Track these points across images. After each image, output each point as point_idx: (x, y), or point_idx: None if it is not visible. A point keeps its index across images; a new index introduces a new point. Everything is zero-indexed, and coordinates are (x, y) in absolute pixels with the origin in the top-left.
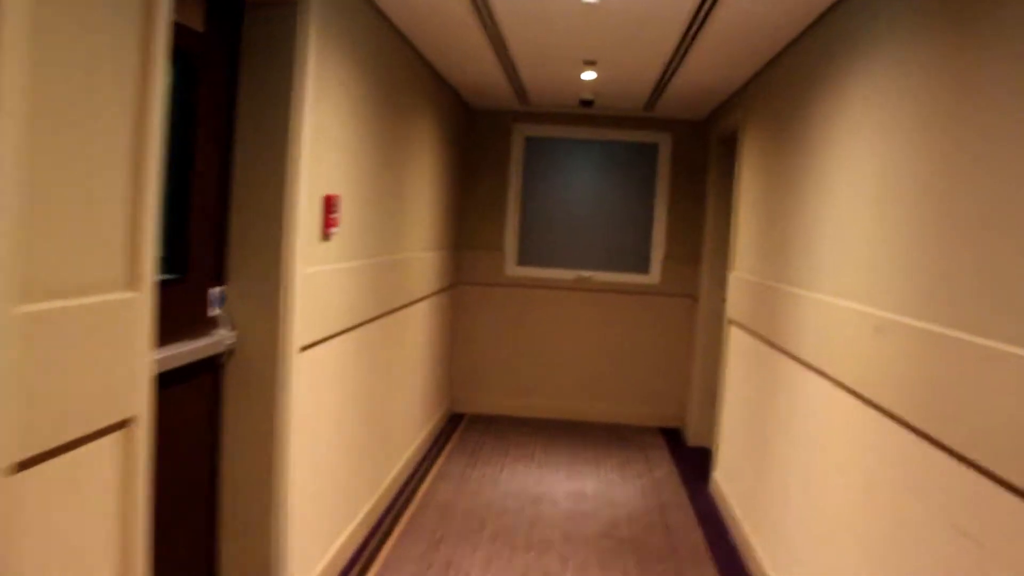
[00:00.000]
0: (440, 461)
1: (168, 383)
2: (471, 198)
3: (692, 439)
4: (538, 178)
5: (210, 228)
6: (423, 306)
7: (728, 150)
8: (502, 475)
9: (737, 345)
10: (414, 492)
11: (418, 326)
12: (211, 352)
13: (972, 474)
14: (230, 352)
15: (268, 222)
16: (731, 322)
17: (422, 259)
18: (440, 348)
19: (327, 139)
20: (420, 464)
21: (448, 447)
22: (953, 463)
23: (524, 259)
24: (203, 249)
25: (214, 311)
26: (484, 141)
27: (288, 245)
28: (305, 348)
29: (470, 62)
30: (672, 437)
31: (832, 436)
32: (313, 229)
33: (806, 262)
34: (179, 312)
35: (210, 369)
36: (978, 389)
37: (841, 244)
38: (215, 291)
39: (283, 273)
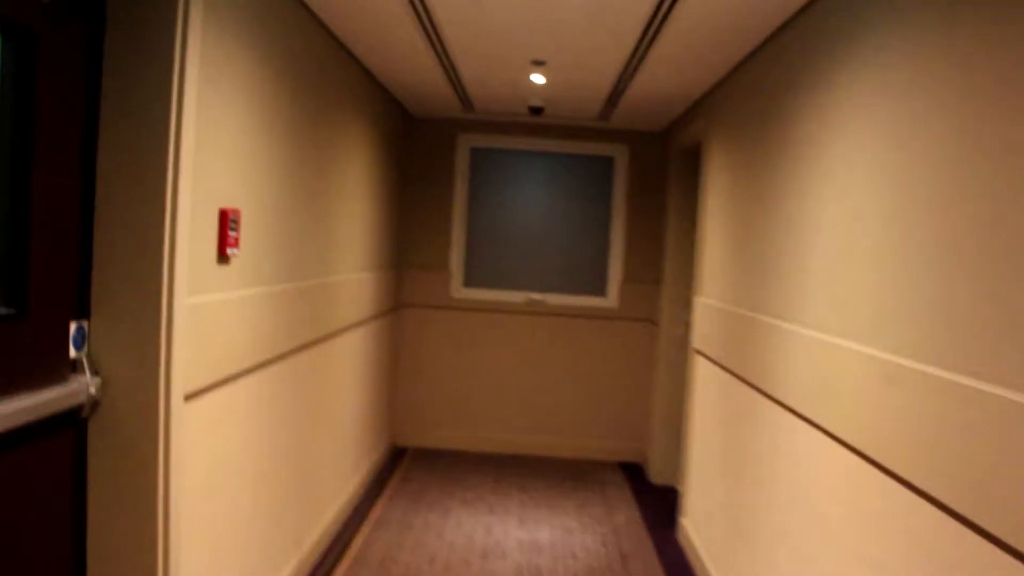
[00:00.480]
0: (379, 505)
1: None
2: (413, 214)
3: (656, 476)
4: (486, 192)
5: (65, 250)
6: (358, 333)
7: (690, 164)
8: (448, 522)
9: (704, 378)
10: (347, 545)
11: (352, 355)
12: (62, 406)
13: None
14: (94, 404)
15: (142, 241)
16: (697, 352)
17: (355, 281)
18: (380, 378)
19: (222, 143)
20: (356, 510)
21: (389, 488)
22: (996, 552)
23: (471, 280)
24: (54, 277)
25: (74, 352)
26: (427, 152)
27: (169, 270)
28: (193, 396)
29: (406, 62)
30: (633, 473)
31: (826, 498)
32: (205, 250)
33: (787, 290)
34: (14, 356)
35: (71, 425)
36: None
37: (835, 271)
38: (73, 328)
39: (162, 304)
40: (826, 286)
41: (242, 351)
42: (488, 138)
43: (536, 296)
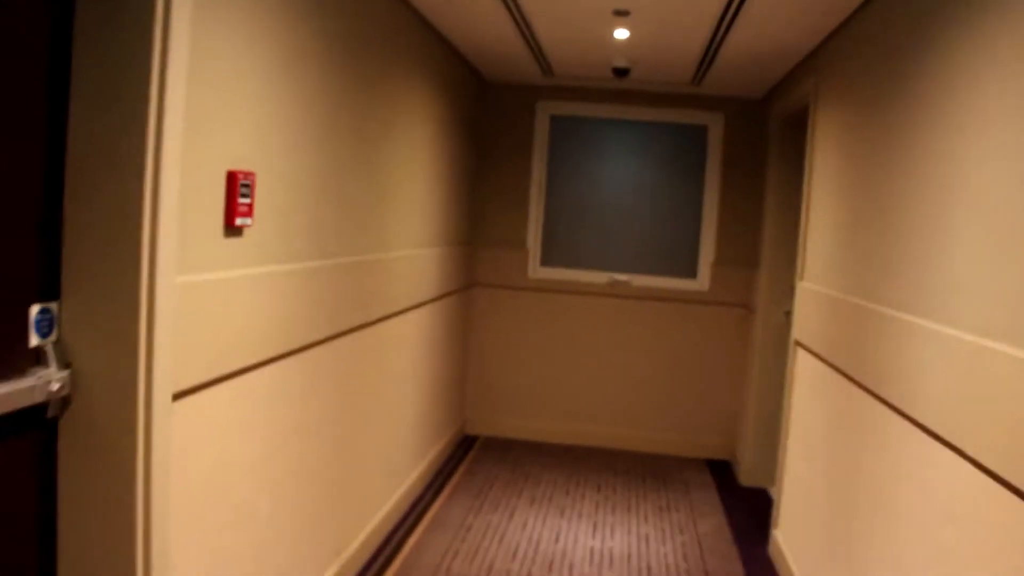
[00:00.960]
0: (439, 502)
1: None
2: (488, 186)
3: (746, 478)
4: (566, 165)
5: (21, 216)
6: (421, 313)
7: (794, 133)
8: (511, 524)
9: (807, 375)
10: (397, 550)
11: (412, 338)
12: (16, 404)
13: None
14: (63, 401)
15: (118, 206)
16: (799, 344)
17: (418, 257)
18: (448, 362)
19: (233, 90)
20: (413, 507)
21: (452, 481)
22: None
23: (549, 259)
24: (10, 251)
25: (37, 341)
26: (503, 120)
27: (150, 241)
28: (187, 392)
29: (472, 17)
30: (721, 473)
31: (969, 545)
32: (206, 220)
33: (922, 278)
34: None
35: (35, 427)
36: None
37: (997, 253)
38: (35, 312)
39: (140, 283)
40: (983, 273)
41: (259, 339)
42: (569, 105)
43: (620, 277)
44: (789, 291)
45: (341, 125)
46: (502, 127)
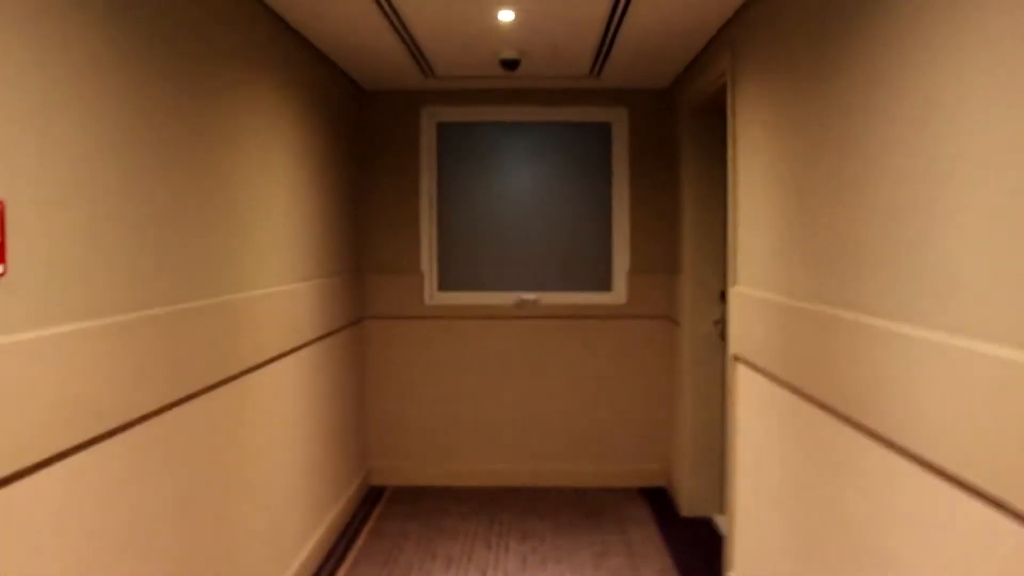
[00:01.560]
0: (345, 566)
1: None
2: (373, 207)
3: (687, 507)
4: (458, 176)
5: None
6: (301, 357)
7: (708, 121)
8: None
9: (752, 395)
10: None
11: (293, 387)
12: None
13: None
14: None
15: None
16: (738, 360)
17: (288, 294)
18: (344, 406)
19: None
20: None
21: (357, 545)
22: None
23: (448, 282)
24: None
25: None
26: (385, 132)
27: None
28: None
29: (331, 10)
30: (658, 502)
31: None
32: None
33: (898, 275)
34: None
35: None
36: None
37: (999, 238)
38: None
39: None
40: (985, 265)
41: (42, 427)
42: (457, 110)
43: (527, 296)
44: (717, 298)
45: (169, 146)
46: (385, 139)
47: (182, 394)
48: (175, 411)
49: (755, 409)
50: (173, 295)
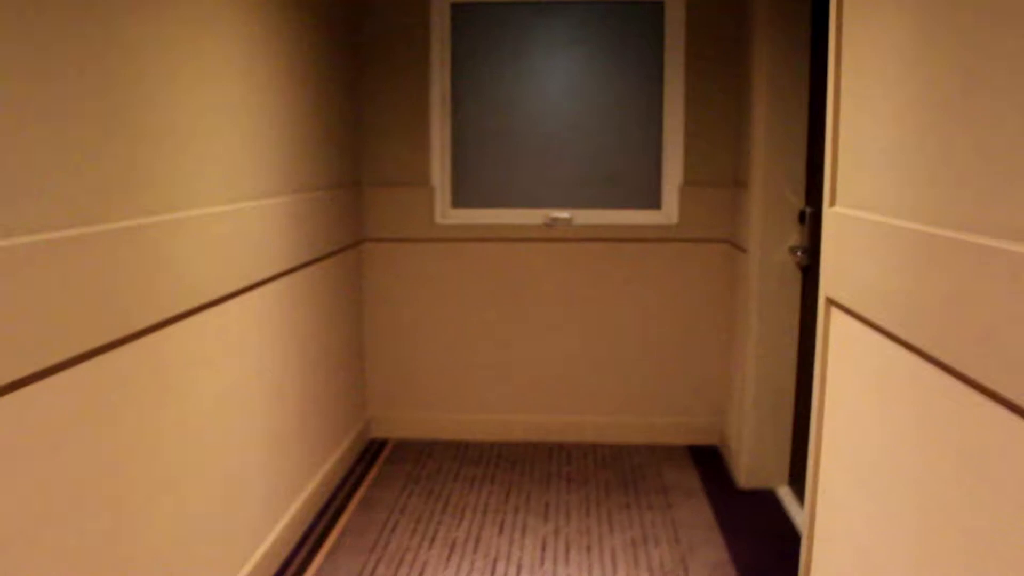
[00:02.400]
0: (322, 554)
1: None
2: (374, 107)
3: (746, 477)
4: (477, 70)
5: None
6: (266, 294)
7: (790, 2)
8: None
9: (854, 352)
10: None
11: (254, 331)
12: None
13: None
14: None
15: None
16: (834, 304)
17: (247, 214)
18: (336, 349)
19: None
20: (285, 566)
21: (339, 525)
22: None
23: (463, 198)
24: None
25: None
26: (387, 16)
27: None
28: None
29: None
30: (710, 467)
31: None
32: None
33: None
34: None
35: None
36: None
37: None
38: None
39: None
40: None
41: None
42: None
43: (559, 214)
44: (797, 219)
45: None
46: (387, 26)
47: (63, 357)
48: (55, 378)
49: (858, 373)
50: (53, 219)
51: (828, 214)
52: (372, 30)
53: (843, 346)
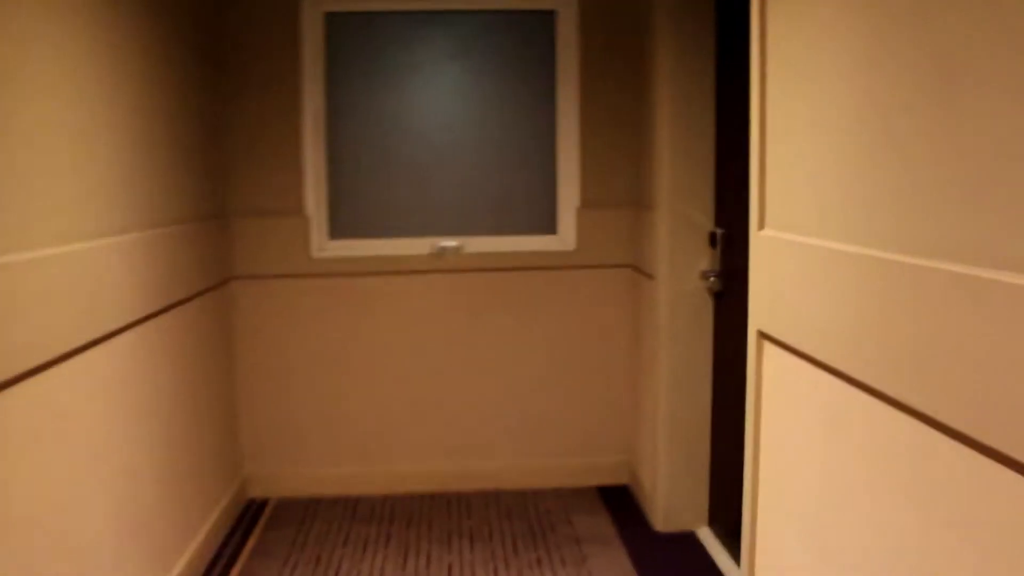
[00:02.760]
0: None
1: None
2: (238, 129)
3: (663, 519)
4: (354, 86)
5: None
6: (120, 344)
7: (696, 5)
8: None
9: (793, 391)
10: None
11: (98, 393)
12: None
13: None
14: None
15: None
16: (767, 338)
17: (77, 257)
18: (208, 400)
19: None
20: None
21: None
22: None
23: (342, 227)
24: None
25: None
26: (254, 26)
27: None
28: None
29: None
30: (622, 508)
31: None
32: None
33: None
34: None
35: None
36: None
37: None
38: None
39: None
40: None
41: None
42: None
43: (448, 242)
44: (707, 242)
45: None
46: (254, 36)
47: None
48: None
49: (797, 413)
50: None
51: (757, 239)
52: (237, 41)
53: (778, 383)
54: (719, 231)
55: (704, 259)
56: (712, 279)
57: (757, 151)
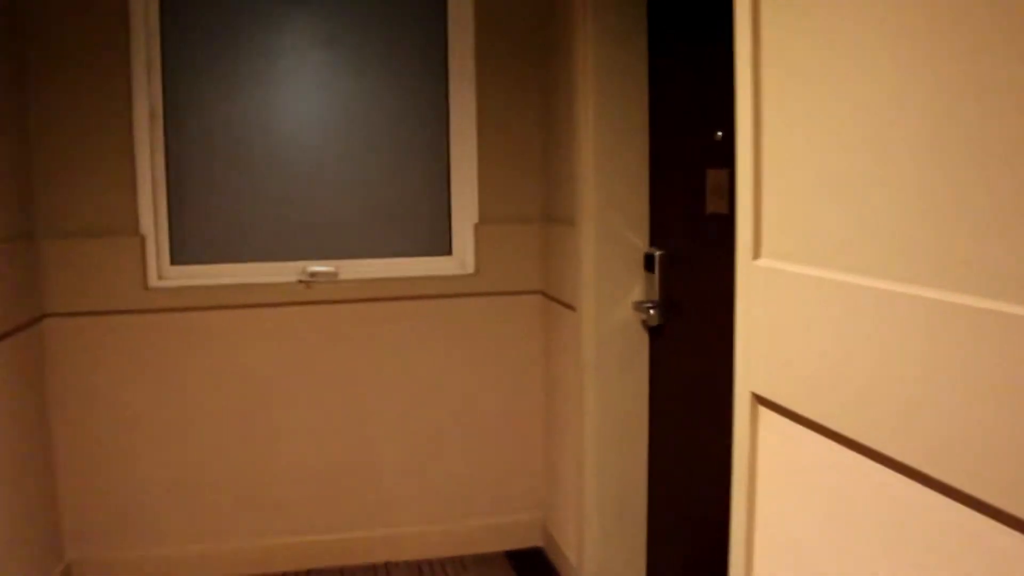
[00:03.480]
0: None
1: None
2: (54, 130)
3: None
4: (201, 78)
5: None
6: None
7: None
8: None
9: (806, 473)
10: None
11: None
12: None
13: None
14: None
15: None
16: (766, 403)
17: None
18: (14, 470)
19: None
20: None
21: None
22: None
23: (186, 250)
24: None
25: None
26: (72, 5)
27: None
28: None
29: None
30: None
31: None
32: None
33: None
34: None
35: None
36: None
37: None
38: None
39: None
40: None
41: None
42: None
43: (319, 267)
44: (641, 265)
45: None
46: (72, 16)
47: None
48: None
49: (806, 501)
50: None
51: (749, 271)
52: (49, 22)
53: (784, 464)
54: (657, 252)
55: (638, 286)
56: (652, 311)
57: (751, 156)
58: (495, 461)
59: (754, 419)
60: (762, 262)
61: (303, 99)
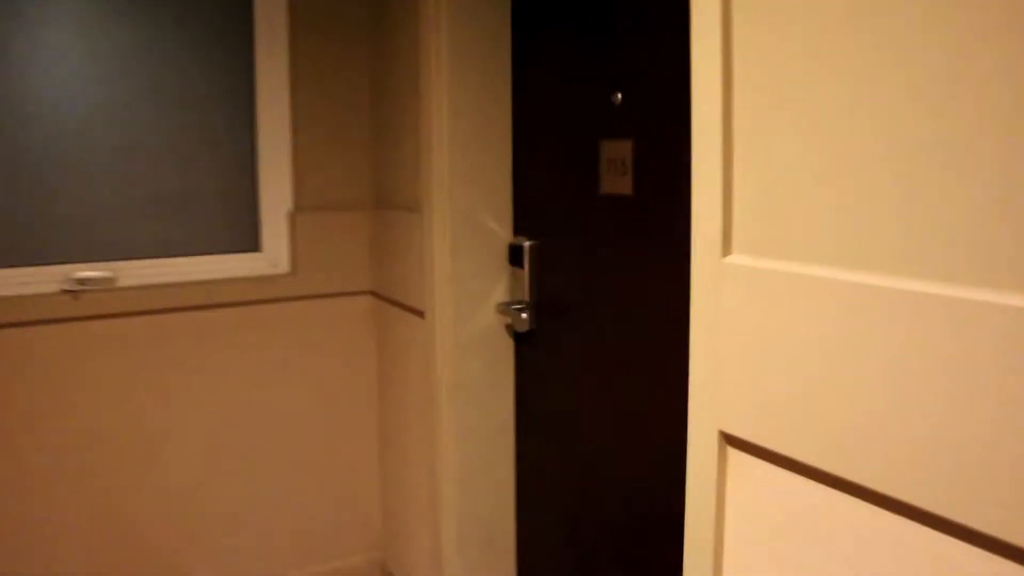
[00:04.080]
0: None
1: None
2: None
3: None
4: None
5: None
6: None
7: None
8: None
9: (792, 524)
10: None
11: None
12: None
13: None
14: None
15: None
16: (736, 443)
17: None
18: None
19: None
20: None
21: None
22: None
23: None
24: None
25: None
26: None
27: None
28: None
29: None
30: None
31: None
32: None
33: None
34: None
35: None
36: None
37: None
38: None
39: None
40: None
41: None
42: None
43: (90, 272)
44: (505, 259)
45: None
46: None
47: None
48: None
49: (786, 556)
50: None
51: (715, 271)
52: None
53: (763, 521)
54: (526, 243)
55: (501, 285)
56: (524, 315)
57: (721, 139)
58: (322, 497)
59: (722, 465)
60: (735, 259)
61: (64, 62)
